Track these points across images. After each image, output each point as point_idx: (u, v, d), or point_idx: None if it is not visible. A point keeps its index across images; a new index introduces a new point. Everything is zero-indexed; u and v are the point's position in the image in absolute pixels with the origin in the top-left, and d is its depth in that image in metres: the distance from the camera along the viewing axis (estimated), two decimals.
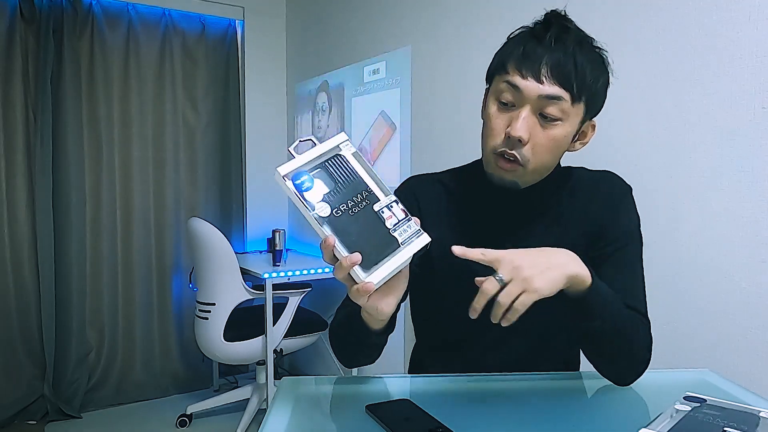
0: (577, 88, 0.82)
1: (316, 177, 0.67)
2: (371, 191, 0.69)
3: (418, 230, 0.69)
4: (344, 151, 0.70)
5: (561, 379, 0.94)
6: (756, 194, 1.26)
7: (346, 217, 0.67)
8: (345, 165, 0.69)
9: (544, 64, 0.81)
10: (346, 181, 0.68)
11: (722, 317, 1.33)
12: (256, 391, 2.75)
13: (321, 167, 0.68)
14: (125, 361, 3.05)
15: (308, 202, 0.66)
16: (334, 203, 0.67)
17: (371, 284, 0.65)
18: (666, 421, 0.63)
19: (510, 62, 0.84)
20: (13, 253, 2.76)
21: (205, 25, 3.19)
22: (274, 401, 0.83)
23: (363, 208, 0.68)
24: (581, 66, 0.82)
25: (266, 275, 2.55)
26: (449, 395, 0.87)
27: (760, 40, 1.24)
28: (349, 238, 0.66)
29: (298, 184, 0.66)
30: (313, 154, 0.68)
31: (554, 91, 0.81)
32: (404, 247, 0.67)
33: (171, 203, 3.14)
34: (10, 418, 2.71)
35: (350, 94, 2.82)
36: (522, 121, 0.82)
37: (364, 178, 0.69)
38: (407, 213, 0.69)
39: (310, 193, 0.66)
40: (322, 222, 0.66)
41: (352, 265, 0.65)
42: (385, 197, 0.69)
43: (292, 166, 0.67)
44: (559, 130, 0.84)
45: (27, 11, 2.71)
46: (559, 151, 0.87)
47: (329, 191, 0.67)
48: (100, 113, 2.92)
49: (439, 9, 2.22)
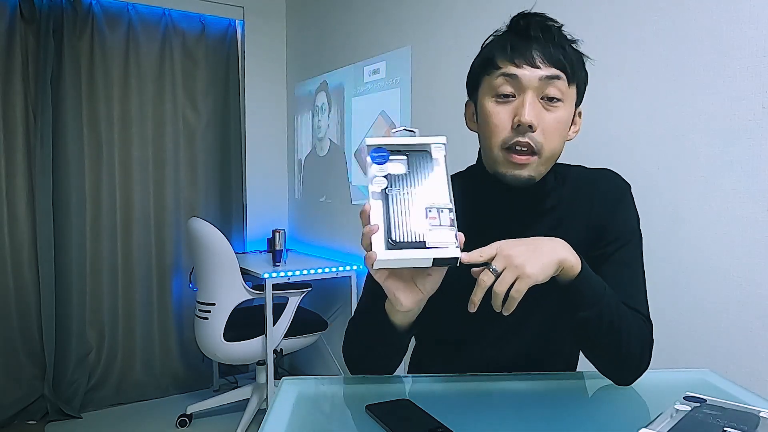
0: (570, 68, 0.84)
1: (394, 158, 0.72)
2: (435, 191, 0.72)
3: (455, 242, 0.69)
4: (433, 151, 0.74)
5: (561, 379, 0.94)
6: (756, 194, 1.26)
7: (397, 198, 0.70)
8: (426, 161, 0.73)
9: (535, 51, 0.83)
10: (418, 174, 0.72)
11: (722, 317, 1.33)
12: (256, 391, 2.75)
13: (404, 154, 0.73)
14: (125, 361, 3.05)
15: (372, 172, 0.71)
16: (396, 184, 0.71)
17: (374, 255, 0.68)
18: (666, 421, 0.63)
19: (499, 58, 0.85)
20: (13, 253, 2.76)
21: (205, 25, 3.20)
22: (274, 401, 0.83)
23: (416, 200, 0.71)
24: (570, 52, 0.85)
25: (266, 275, 2.55)
26: (449, 395, 0.87)
27: (760, 40, 1.24)
28: (388, 216, 0.69)
29: (374, 156, 0.72)
30: (404, 141, 0.74)
31: (553, 72, 0.83)
32: (429, 249, 0.69)
33: (171, 203, 3.14)
34: (10, 418, 2.71)
35: (350, 94, 2.82)
36: (529, 106, 0.83)
37: (435, 178, 0.72)
38: (454, 224, 0.70)
39: (377, 167, 0.72)
40: (374, 194, 0.70)
41: (369, 232, 0.68)
42: (443, 202, 0.71)
43: (378, 141, 0.73)
44: (561, 111, 0.85)
45: (27, 11, 2.71)
46: (564, 135, 0.88)
47: (399, 175, 0.72)
48: (100, 113, 2.93)
49: (439, 9, 2.23)
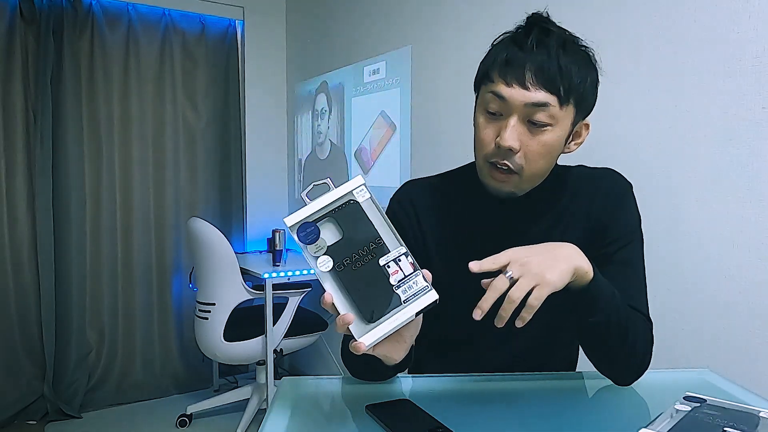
0: (564, 90, 0.80)
1: (324, 226, 0.66)
2: (380, 242, 0.66)
3: (426, 286, 0.66)
4: (358, 197, 0.67)
5: (561, 379, 0.94)
6: (756, 194, 1.26)
7: (350, 271, 0.65)
8: (357, 213, 0.67)
9: (528, 69, 0.80)
10: (355, 230, 0.66)
11: (722, 317, 1.33)
12: (256, 391, 2.75)
13: (331, 215, 0.66)
14: (125, 361, 3.05)
15: (311, 255, 0.66)
16: (339, 256, 0.66)
17: (362, 344, 0.64)
18: (666, 421, 0.63)
19: (493, 71, 0.84)
20: (13, 253, 2.76)
21: (205, 25, 3.19)
22: (274, 401, 0.83)
23: (368, 262, 0.66)
24: (566, 67, 0.81)
25: (266, 275, 2.55)
26: (449, 395, 0.87)
27: (760, 40, 1.24)
28: (350, 294, 0.65)
29: (302, 236, 0.66)
30: (324, 201, 0.67)
31: (540, 98, 0.80)
32: (407, 306, 0.65)
33: (171, 203, 3.14)
34: (10, 418, 2.71)
35: (350, 94, 2.82)
36: (510, 130, 0.81)
37: (375, 227, 0.67)
38: (416, 266, 0.66)
39: (314, 246, 0.66)
40: (324, 277, 0.65)
41: (344, 324, 0.64)
42: (395, 249, 0.66)
43: (299, 217, 0.66)
44: (549, 135, 0.83)
45: (27, 11, 2.71)
46: (552, 156, 0.86)
47: (336, 241, 0.66)
48: (100, 113, 2.92)
49: (439, 9, 2.22)
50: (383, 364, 0.76)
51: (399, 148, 2.47)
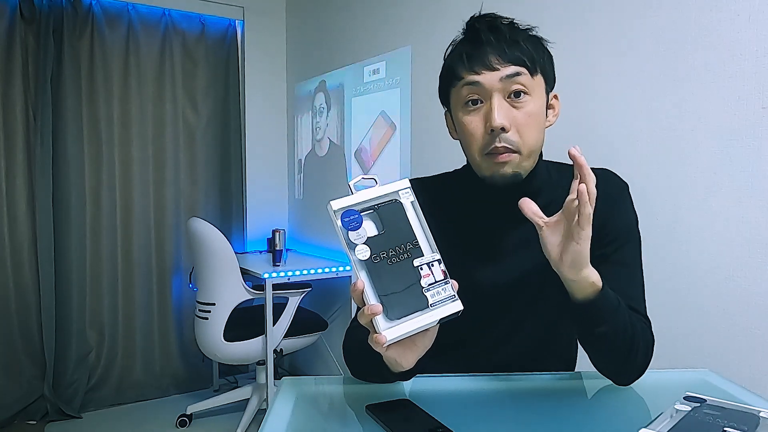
0: (529, 60, 0.85)
1: (366, 218, 0.67)
2: (417, 245, 0.68)
3: (453, 295, 0.67)
4: (402, 198, 0.69)
5: (561, 379, 0.94)
6: (756, 194, 1.26)
7: (385, 264, 0.66)
8: (398, 212, 0.69)
9: (490, 54, 0.84)
10: (394, 228, 0.68)
11: (722, 317, 1.33)
12: (256, 391, 2.75)
13: (374, 209, 0.68)
14: (125, 362, 3.05)
15: (351, 242, 0.66)
16: (376, 248, 0.66)
17: (384, 338, 0.64)
18: (666, 421, 0.63)
19: (458, 68, 0.87)
20: (13, 253, 2.76)
21: (205, 25, 3.20)
22: (274, 401, 0.83)
23: (403, 260, 0.67)
24: (523, 43, 0.86)
25: (266, 275, 2.55)
26: (449, 395, 0.87)
27: (760, 40, 1.24)
28: (381, 286, 0.66)
29: (346, 221, 0.66)
30: (369, 195, 0.68)
31: (511, 69, 0.84)
32: (432, 309, 0.66)
33: (171, 203, 3.14)
34: (10, 418, 2.71)
35: (350, 94, 2.82)
36: (497, 109, 0.84)
37: (413, 230, 0.68)
38: (446, 275, 0.68)
39: (355, 233, 0.66)
40: (360, 265, 0.66)
41: (372, 314, 0.64)
42: (429, 254, 0.68)
43: (345, 203, 0.67)
44: (531, 105, 0.86)
45: (27, 11, 2.71)
46: (540, 125, 0.89)
47: (375, 235, 0.67)
48: (100, 113, 2.92)
49: (439, 9, 2.22)
50: (388, 369, 0.76)
51: (399, 148, 2.47)
